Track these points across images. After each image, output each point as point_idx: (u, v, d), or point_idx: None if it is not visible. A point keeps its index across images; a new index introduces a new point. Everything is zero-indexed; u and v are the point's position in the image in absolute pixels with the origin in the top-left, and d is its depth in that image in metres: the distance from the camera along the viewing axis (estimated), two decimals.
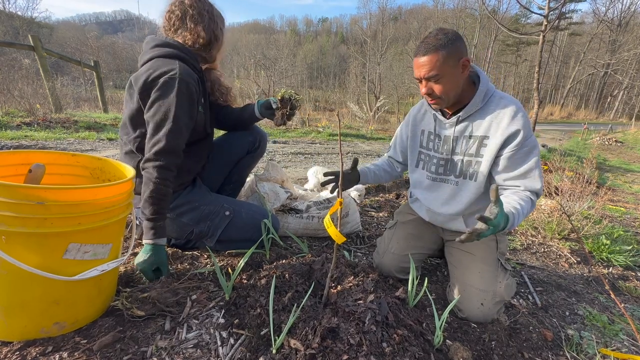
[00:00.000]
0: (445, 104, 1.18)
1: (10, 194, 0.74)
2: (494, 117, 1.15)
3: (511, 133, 1.10)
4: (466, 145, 1.22)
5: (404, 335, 0.92)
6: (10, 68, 7.55)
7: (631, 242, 2.10)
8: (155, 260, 1.11)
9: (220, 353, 0.89)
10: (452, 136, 1.24)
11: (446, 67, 1.08)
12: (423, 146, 1.36)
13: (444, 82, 1.11)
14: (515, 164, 1.14)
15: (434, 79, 1.10)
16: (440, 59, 1.07)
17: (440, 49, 1.06)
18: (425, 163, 1.36)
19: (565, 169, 3.85)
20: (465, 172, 1.24)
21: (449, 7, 33.41)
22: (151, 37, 1.29)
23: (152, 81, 1.15)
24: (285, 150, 5.08)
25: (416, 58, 1.12)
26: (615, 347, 1.19)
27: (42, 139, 3.92)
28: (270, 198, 1.68)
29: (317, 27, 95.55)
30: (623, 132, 15.06)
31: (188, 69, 1.21)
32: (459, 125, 1.22)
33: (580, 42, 31.37)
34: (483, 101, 1.17)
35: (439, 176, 1.31)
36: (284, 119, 1.49)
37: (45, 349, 0.83)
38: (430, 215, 1.39)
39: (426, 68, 1.09)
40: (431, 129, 1.32)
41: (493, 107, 1.16)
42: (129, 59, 27.13)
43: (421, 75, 1.12)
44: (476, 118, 1.19)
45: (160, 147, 1.12)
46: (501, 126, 1.12)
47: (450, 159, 1.27)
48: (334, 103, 25.58)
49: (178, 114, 1.15)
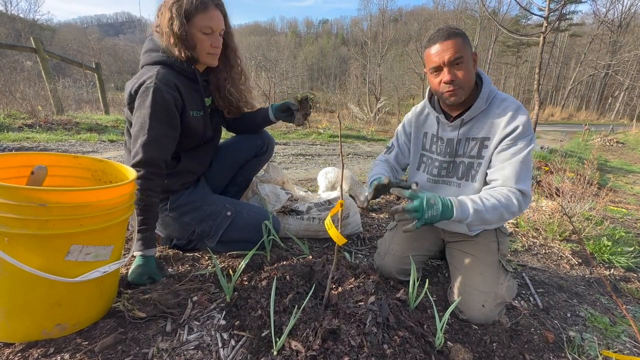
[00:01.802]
0: (464, 95, 1.14)
1: (12, 195, 0.75)
2: (495, 118, 1.14)
3: (509, 131, 1.11)
4: (468, 148, 1.21)
5: (405, 336, 0.92)
6: (12, 70, 7.58)
7: (633, 243, 2.09)
8: (145, 271, 1.13)
9: (221, 355, 0.89)
10: (456, 139, 1.23)
11: (467, 52, 1.09)
12: (426, 149, 1.35)
13: (466, 68, 1.09)
14: (501, 157, 1.13)
15: (458, 61, 1.08)
16: (462, 42, 1.08)
17: (460, 35, 1.08)
18: (426, 166, 1.35)
19: (566, 170, 3.85)
20: (468, 174, 1.23)
21: (449, 9, 33.43)
22: (147, 40, 1.28)
23: (135, 92, 1.17)
24: (286, 151, 5.09)
25: (436, 44, 1.09)
26: (617, 348, 1.19)
27: (43, 141, 3.93)
28: (271, 199, 1.68)
29: (318, 29, 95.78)
30: (624, 133, 15.03)
31: (167, 76, 1.16)
32: (462, 128, 1.21)
33: (580, 43, 31.37)
34: (486, 103, 1.16)
35: (441, 178, 1.30)
36: (305, 119, 1.52)
37: (47, 351, 0.83)
38: None
39: (451, 51, 1.07)
40: (434, 132, 1.30)
41: (495, 109, 1.15)
42: (130, 60, 27.22)
43: (445, 59, 1.08)
44: (479, 120, 1.18)
45: (138, 159, 1.13)
46: (501, 126, 1.13)
47: (453, 162, 1.26)
48: (334, 104, 25.58)
49: (152, 124, 1.14)
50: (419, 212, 0.99)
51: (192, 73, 1.27)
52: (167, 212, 1.36)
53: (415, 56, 21.72)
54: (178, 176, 1.34)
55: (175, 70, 1.22)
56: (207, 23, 1.19)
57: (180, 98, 1.21)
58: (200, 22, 1.18)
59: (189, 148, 1.36)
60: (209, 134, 1.41)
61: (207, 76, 1.39)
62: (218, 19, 1.22)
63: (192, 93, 1.29)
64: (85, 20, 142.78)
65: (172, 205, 1.36)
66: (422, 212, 0.99)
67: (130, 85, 1.20)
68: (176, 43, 1.17)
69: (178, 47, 1.18)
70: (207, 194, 1.46)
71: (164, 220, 1.38)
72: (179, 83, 1.21)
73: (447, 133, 1.25)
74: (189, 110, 1.26)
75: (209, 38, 1.22)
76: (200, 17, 1.17)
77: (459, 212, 1.03)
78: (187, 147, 1.34)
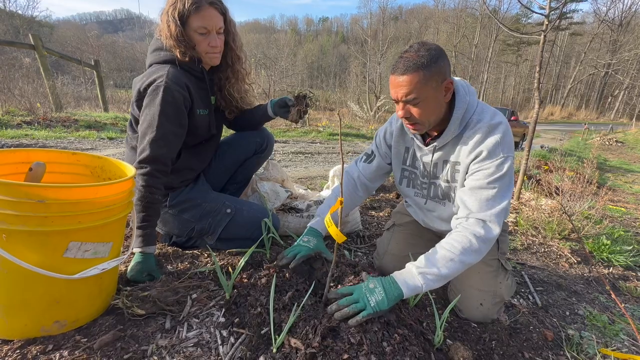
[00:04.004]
0: (426, 128, 1.07)
1: (10, 192, 0.74)
2: (465, 142, 1.06)
3: (473, 157, 1.03)
4: (444, 171, 1.16)
5: (404, 334, 0.92)
6: (11, 67, 7.53)
7: (631, 242, 2.10)
8: (145, 268, 1.13)
9: (220, 352, 0.89)
10: (432, 162, 1.18)
11: (427, 90, 0.96)
12: (407, 164, 1.29)
13: (424, 106, 0.99)
14: (467, 184, 1.04)
15: (412, 102, 0.98)
16: (422, 80, 0.94)
17: (421, 68, 0.93)
18: (410, 181, 1.30)
19: (565, 169, 3.86)
20: (448, 196, 1.18)
21: (450, 7, 33.37)
22: (154, 38, 1.28)
23: (144, 90, 1.18)
24: (286, 149, 5.08)
25: (393, 76, 0.98)
26: (616, 347, 1.19)
27: (42, 138, 3.92)
28: (271, 197, 1.68)
29: (318, 27, 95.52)
30: (624, 133, 15.06)
31: (177, 75, 1.18)
32: (436, 153, 1.15)
33: (581, 42, 31.35)
34: (460, 127, 1.07)
35: (426, 196, 1.26)
36: (299, 115, 1.51)
37: (45, 348, 0.83)
38: (424, 225, 1.38)
39: (404, 90, 0.96)
40: (415, 148, 1.23)
41: (467, 132, 1.06)
42: (129, 58, 27.14)
43: (398, 97, 0.99)
44: (452, 144, 1.11)
45: (145, 156, 1.14)
46: (467, 150, 1.05)
47: (433, 183, 1.22)
48: (334, 103, 25.55)
49: (162, 122, 1.15)
50: (360, 302, 0.92)
51: (200, 72, 1.28)
52: (166, 208, 1.36)
53: None
54: (178, 173, 1.33)
55: (184, 69, 1.23)
56: (201, 23, 1.19)
57: (190, 97, 1.23)
58: (194, 23, 1.19)
59: (191, 145, 1.36)
60: (212, 132, 1.42)
61: (212, 75, 1.39)
62: (212, 18, 1.20)
63: (199, 91, 1.30)
64: (84, 17, 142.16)
65: (171, 202, 1.35)
66: (365, 301, 0.91)
67: (139, 83, 1.21)
68: (176, 45, 1.19)
69: (179, 49, 1.19)
70: (207, 191, 1.46)
71: (163, 217, 1.38)
72: (188, 82, 1.22)
73: (424, 156, 1.20)
74: (196, 109, 1.28)
75: (206, 38, 1.22)
76: (194, 18, 1.18)
77: (405, 288, 0.95)
78: (189, 144, 1.34)
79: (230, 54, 1.35)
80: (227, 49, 1.34)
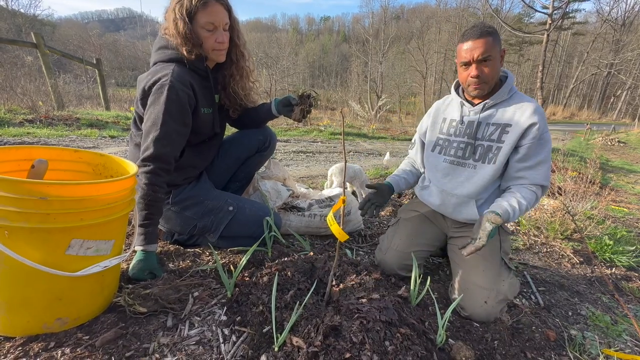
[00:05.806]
0: (487, 89, 1.24)
1: (13, 189, 0.74)
2: (517, 108, 1.23)
3: (530, 124, 1.18)
4: (488, 132, 1.28)
5: (406, 334, 0.92)
6: (13, 65, 7.55)
7: (634, 242, 2.09)
8: (146, 266, 1.13)
9: (222, 350, 0.89)
10: (476, 121, 1.29)
11: (496, 51, 1.17)
12: (443, 132, 1.41)
13: (492, 65, 1.18)
14: (529, 155, 1.22)
15: (486, 59, 1.17)
16: (492, 42, 1.16)
17: (492, 34, 1.16)
18: (442, 148, 1.41)
19: (568, 169, 3.84)
20: (485, 157, 1.29)
21: (452, 6, 33.22)
22: (159, 37, 1.27)
23: (149, 89, 1.18)
24: (287, 148, 5.08)
25: (467, 41, 1.18)
26: (618, 347, 1.19)
27: (44, 136, 3.92)
28: (272, 196, 1.68)
29: (319, 26, 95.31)
30: (626, 133, 14.99)
31: (182, 74, 1.18)
32: (484, 113, 1.28)
33: (583, 41, 31.21)
34: (508, 94, 1.26)
35: (458, 159, 1.35)
36: (302, 114, 1.51)
37: (47, 345, 0.83)
38: (443, 197, 1.39)
39: (481, 49, 1.15)
40: (454, 117, 1.38)
41: (516, 101, 1.25)
42: (131, 57, 27.10)
43: (474, 56, 1.17)
44: (500, 107, 1.26)
45: (148, 154, 1.14)
46: (523, 117, 1.20)
47: (472, 144, 1.31)
48: (335, 102, 25.52)
49: (166, 120, 1.15)
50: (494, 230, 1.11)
51: (204, 70, 1.28)
52: (169, 206, 1.36)
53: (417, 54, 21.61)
54: (181, 171, 1.33)
55: (188, 68, 1.23)
56: (208, 19, 1.19)
57: (194, 96, 1.23)
58: (202, 19, 1.18)
59: (194, 143, 1.36)
60: (216, 130, 1.41)
61: (216, 73, 1.39)
62: (219, 14, 1.21)
63: (204, 90, 1.29)
64: (86, 16, 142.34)
65: (174, 200, 1.35)
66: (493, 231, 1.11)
67: (144, 82, 1.20)
68: (183, 43, 1.18)
69: (186, 47, 1.19)
70: (209, 189, 1.46)
71: (165, 214, 1.37)
72: (193, 81, 1.22)
73: (468, 117, 1.33)
74: (201, 108, 1.27)
75: (213, 34, 1.22)
76: (201, 15, 1.18)
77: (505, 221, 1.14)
78: (193, 142, 1.34)
79: (235, 50, 1.35)
80: (232, 45, 1.33)
